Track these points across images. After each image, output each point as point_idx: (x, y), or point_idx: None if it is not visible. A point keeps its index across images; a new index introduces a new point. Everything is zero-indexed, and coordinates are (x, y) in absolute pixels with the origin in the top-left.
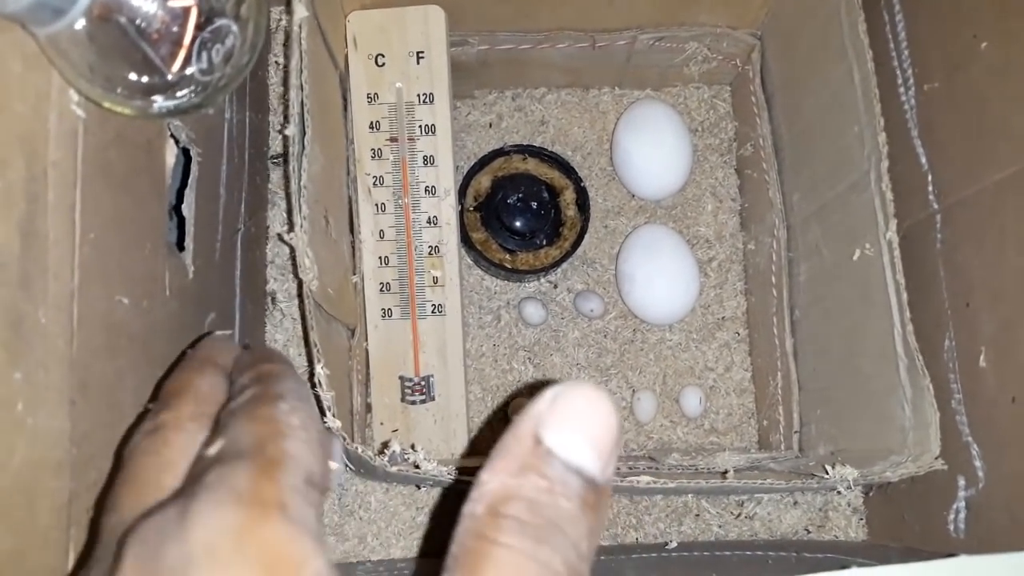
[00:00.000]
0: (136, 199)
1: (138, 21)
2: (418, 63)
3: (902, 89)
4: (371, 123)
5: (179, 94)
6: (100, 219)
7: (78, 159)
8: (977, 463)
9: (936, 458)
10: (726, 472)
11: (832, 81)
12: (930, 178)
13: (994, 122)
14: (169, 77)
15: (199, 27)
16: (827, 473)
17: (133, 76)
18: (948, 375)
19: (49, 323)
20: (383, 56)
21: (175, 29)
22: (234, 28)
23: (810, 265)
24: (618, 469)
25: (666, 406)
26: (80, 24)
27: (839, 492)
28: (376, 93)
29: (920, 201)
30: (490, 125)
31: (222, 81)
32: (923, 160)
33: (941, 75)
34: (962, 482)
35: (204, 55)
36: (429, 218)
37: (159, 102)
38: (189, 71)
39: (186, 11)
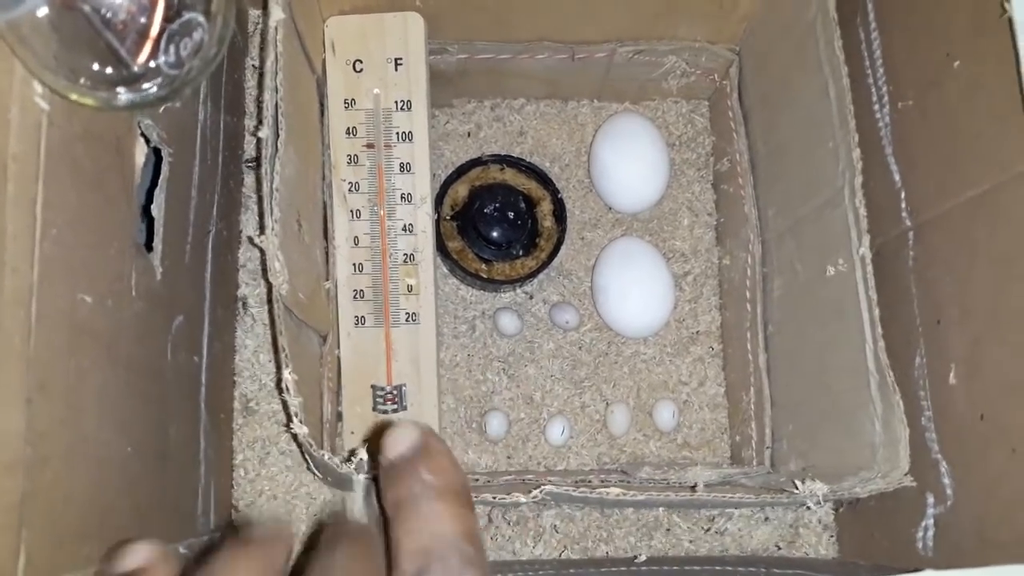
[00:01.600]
0: (104, 197)
1: (103, 11)
2: (396, 70)
3: (877, 106)
4: (348, 128)
5: (145, 86)
6: (64, 215)
7: (41, 153)
8: (946, 480)
9: (905, 475)
10: (695, 486)
11: (808, 97)
12: (903, 195)
13: (966, 140)
14: (135, 69)
15: (167, 19)
16: (797, 488)
17: (97, 67)
18: (918, 392)
19: (5, 319)
20: (361, 62)
21: (142, 20)
22: (202, 21)
23: (784, 280)
24: (589, 482)
25: (640, 419)
26: (43, 11)
27: (809, 508)
28: (353, 99)
29: (893, 218)
30: (468, 134)
31: (190, 75)
32: (896, 177)
33: (915, 93)
34: (931, 499)
35: (172, 48)
36: (404, 225)
37: (123, 94)
38: (155, 64)
39: (153, 2)
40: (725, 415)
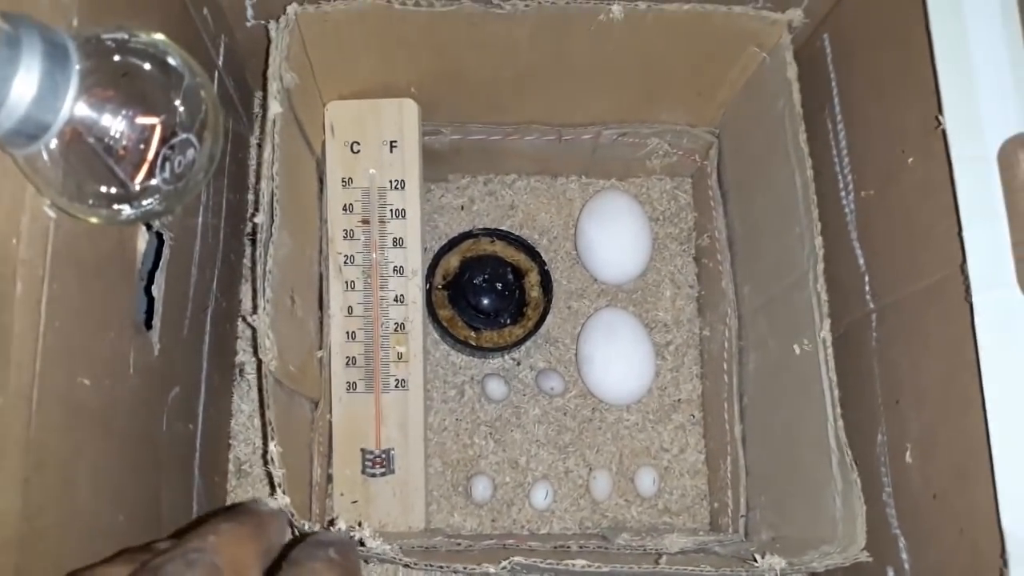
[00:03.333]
0: (106, 285)
1: (106, 140)
2: (391, 151)
3: (843, 193)
4: (344, 205)
5: (145, 202)
6: (67, 308)
7: (48, 255)
8: (904, 555)
9: (862, 550)
10: (659, 558)
11: (778, 183)
12: (867, 279)
13: (920, 232)
14: (135, 188)
15: (163, 142)
16: (756, 562)
17: (102, 188)
18: (880, 468)
19: (8, 410)
20: (358, 143)
21: (140, 146)
22: (194, 141)
23: (758, 355)
24: (567, 548)
25: (621, 485)
26: (53, 144)
27: None
28: (351, 177)
29: (858, 300)
30: (462, 207)
31: (185, 188)
32: (861, 261)
33: (876, 184)
34: (891, 573)
35: (167, 166)
36: (396, 296)
37: (126, 211)
38: (153, 182)
39: (151, 129)
40: (705, 482)
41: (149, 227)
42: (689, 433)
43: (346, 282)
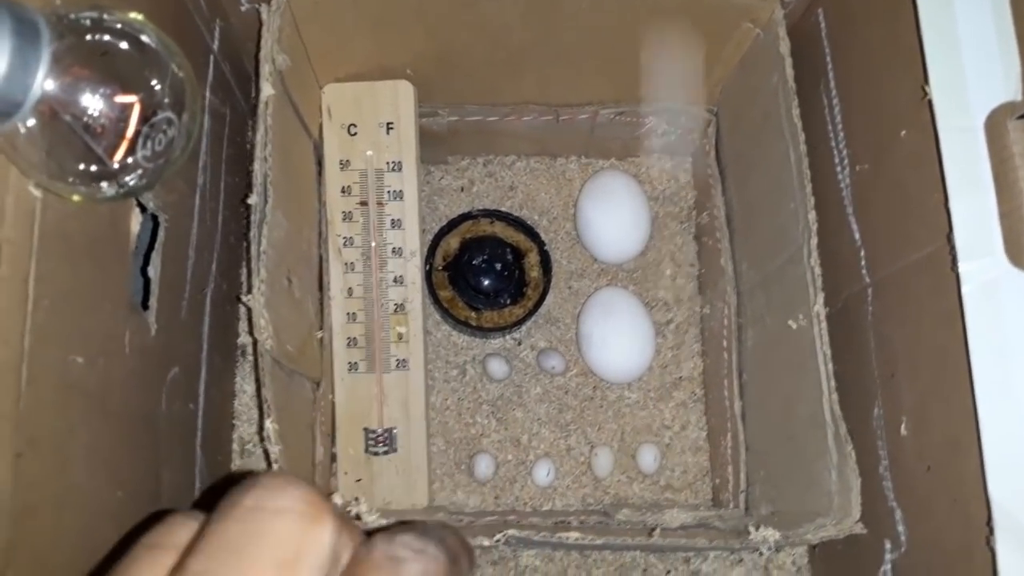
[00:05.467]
0: (97, 265)
1: (85, 119)
2: (388, 133)
3: (839, 168)
4: (343, 188)
5: (126, 179)
6: (56, 286)
7: (35, 234)
8: (900, 527)
9: (856, 522)
10: (654, 530)
11: (773, 159)
12: (863, 253)
13: (913, 205)
14: (115, 166)
15: (143, 120)
16: (751, 534)
17: (82, 166)
18: (876, 442)
19: None
20: (355, 126)
21: (120, 124)
22: (174, 119)
23: (756, 331)
24: (568, 523)
25: (623, 462)
26: (31, 122)
27: (760, 553)
28: (348, 160)
29: (855, 274)
30: (462, 189)
31: (165, 165)
32: (856, 235)
33: (870, 157)
34: (888, 545)
35: (148, 144)
36: (395, 277)
37: (106, 188)
38: (133, 159)
39: (129, 108)
40: (707, 458)
41: (144, 209)
42: (691, 410)
43: (346, 263)
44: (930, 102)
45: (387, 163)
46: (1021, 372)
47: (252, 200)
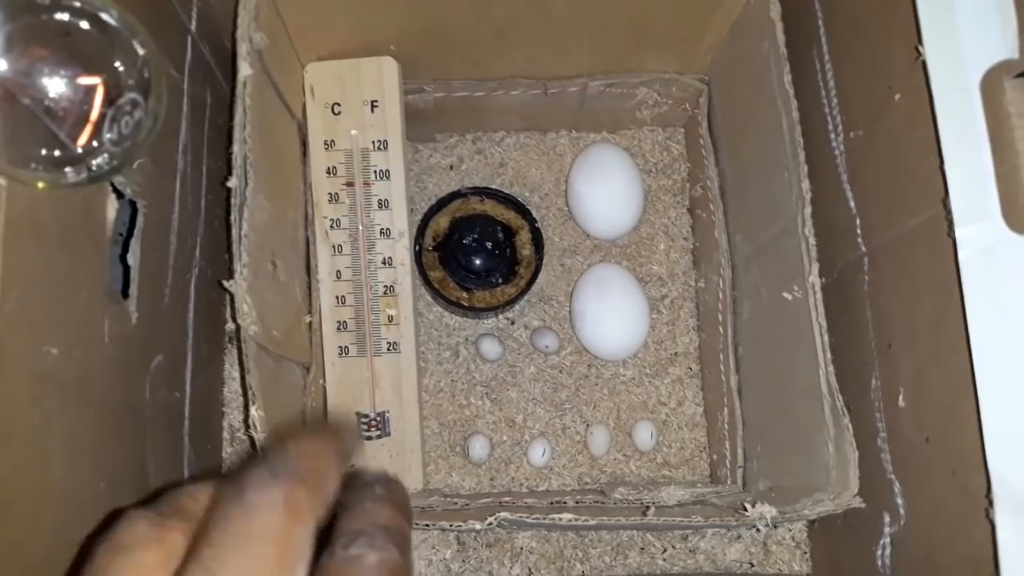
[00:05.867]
0: (71, 253)
1: (45, 101)
2: (373, 111)
3: (832, 135)
4: (328, 168)
5: (92, 163)
6: (27, 276)
7: (1, 223)
8: (899, 500)
9: (855, 496)
10: (647, 510)
11: (765, 127)
12: (858, 222)
13: (907, 170)
14: (79, 151)
15: (109, 102)
16: (747, 511)
17: (44, 151)
18: (875, 413)
19: None
20: (339, 105)
21: (83, 107)
22: (140, 100)
23: (751, 304)
24: (564, 503)
25: (619, 440)
26: None
27: (757, 529)
28: (333, 140)
29: (850, 243)
30: (451, 167)
31: (132, 149)
32: (852, 204)
33: (864, 123)
34: (887, 519)
35: (114, 127)
36: (384, 259)
37: (70, 174)
38: (98, 143)
39: (92, 89)
40: (704, 434)
41: (120, 195)
42: (687, 386)
43: (333, 246)
44: (924, 63)
45: (373, 142)
46: (1020, 338)
47: (231, 183)
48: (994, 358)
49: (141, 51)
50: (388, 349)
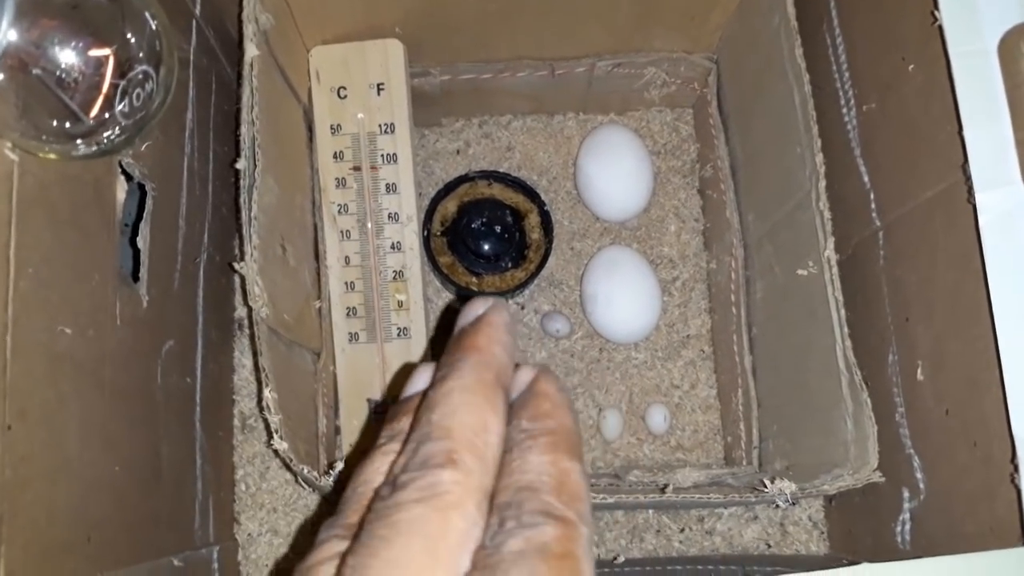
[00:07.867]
0: (82, 235)
1: (57, 73)
2: (379, 94)
3: (844, 109)
4: (335, 153)
5: (104, 136)
6: (40, 254)
7: (13, 200)
8: (919, 475)
9: (874, 471)
10: (665, 487)
11: (776, 103)
12: (872, 196)
13: (922, 141)
14: (91, 123)
15: (119, 75)
16: (766, 488)
17: (56, 123)
18: (892, 388)
19: None
20: (345, 88)
21: (94, 79)
22: (151, 73)
23: (765, 283)
24: None
25: (633, 424)
26: None
27: (778, 506)
28: (339, 124)
29: (865, 218)
30: (458, 152)
31: (143, 121)
32: (865, 178)
33: (876, 96)
34: (906, 494)
35: (125, 99)
36: (393, 244)
37: (81, 145)
38: (110, 115)
39: (104, 61)
40: (718, 416)
41: (129, 178)
42: (700, 368)
43: (341, 231)
44: (940, 27)
45: (379, 125)
46: None
47: (240, 164)
48: (1017, 320)
49: (152, 23)
50: (398, 335)
